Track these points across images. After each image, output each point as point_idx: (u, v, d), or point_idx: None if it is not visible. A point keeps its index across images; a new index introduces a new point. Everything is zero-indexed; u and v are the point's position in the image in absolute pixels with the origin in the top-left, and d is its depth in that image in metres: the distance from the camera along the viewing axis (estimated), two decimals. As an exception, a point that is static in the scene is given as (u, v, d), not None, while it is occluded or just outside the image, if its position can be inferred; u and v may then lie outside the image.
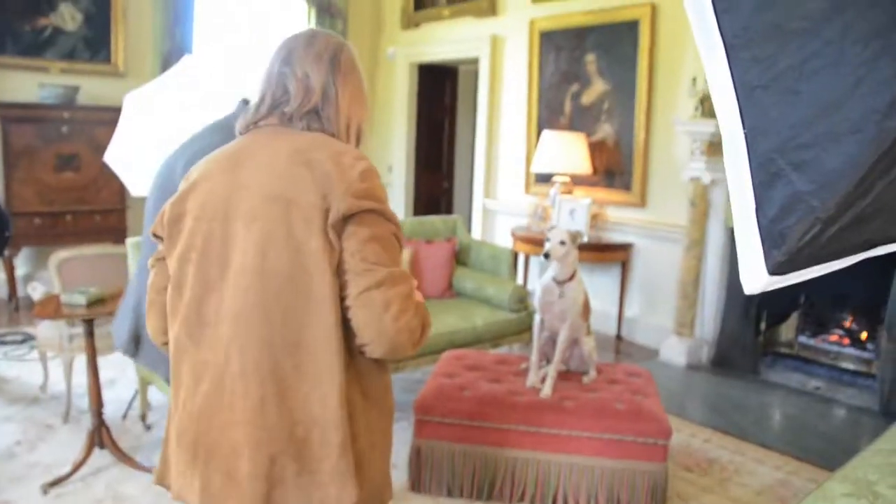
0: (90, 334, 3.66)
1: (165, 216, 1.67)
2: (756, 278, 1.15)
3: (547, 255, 3.40)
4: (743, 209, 1.14)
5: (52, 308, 3.57)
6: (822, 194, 1.06)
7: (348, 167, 1.55)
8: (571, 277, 3.48)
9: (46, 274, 4.93)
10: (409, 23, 8.33)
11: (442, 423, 3.42)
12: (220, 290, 1.58)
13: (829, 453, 4.13)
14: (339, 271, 1.53)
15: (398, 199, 8.73)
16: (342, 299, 1.53)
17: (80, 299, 3.56)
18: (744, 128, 1.12)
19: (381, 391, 1.70)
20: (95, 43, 6.81)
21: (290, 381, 1.54)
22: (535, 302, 3.61)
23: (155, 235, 1.72)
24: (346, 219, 1.52)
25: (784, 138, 1.09)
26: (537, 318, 3.61)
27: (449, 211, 9.23)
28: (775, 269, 1.12)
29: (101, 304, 3.62)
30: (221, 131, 2.15)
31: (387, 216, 1.57)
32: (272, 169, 1.57)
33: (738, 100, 1.11)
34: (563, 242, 3.42)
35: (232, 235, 1.57)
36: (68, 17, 6.63)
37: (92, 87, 6.68)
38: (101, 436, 3.68)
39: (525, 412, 3.37)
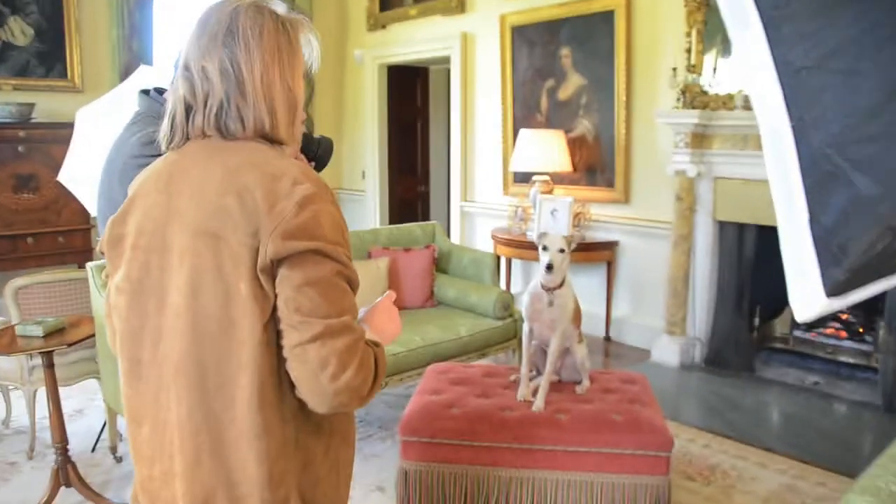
0: (49, 366, 3.42)
1: (106, 235, 1.51)
2: (811, 302, 0.91)
3: (550, 267, 3.19)
4: (791, 218, 0.90)
5: (6, 342, 3.34)
6: (893, 197, 0.84)
7: (283, 196, 1.33)
8: (561, 284, 3.28)
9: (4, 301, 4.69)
10: (376, 24, 8.13)
11: (430, 444, 3.22)
12: (158, 328, 1.41)
13: (834, 454, 3.98)
14: (275, 318, 1.34)
15: (372, 205, 8.52)
16: (282, 348, 1.35)
17: (37, 330, 3.34)
18: (790, 119, 0.88)
19: (347, 423, 1.56)
20: (49, 58, 6.56)
21: (228, 436, 1.37)
22: (523, 310, 3.41)
23: (102, 253, 1.57)
24: (277, 262, 1.32)
25: (841, 129, 0.85)
26: (526, 327, 3.42)
27: (426, 215, 9.04)
28: (834, 290, 0.89)
29: (60, 335, 3.40)
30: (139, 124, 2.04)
31: (328, 254, 1.34)
32: (202, 198, 1.37)
33: (781, 85, 0.87)
34: (562, 250, 3.23)
35: (168, 269, 1.40)
36: (18, 32, 6.37)
37: (48, 104, 6.42)
38: (66, 473, 3.45)
39: (517, 428, 3.17)
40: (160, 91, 2.29)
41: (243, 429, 1.35)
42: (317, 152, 2.04)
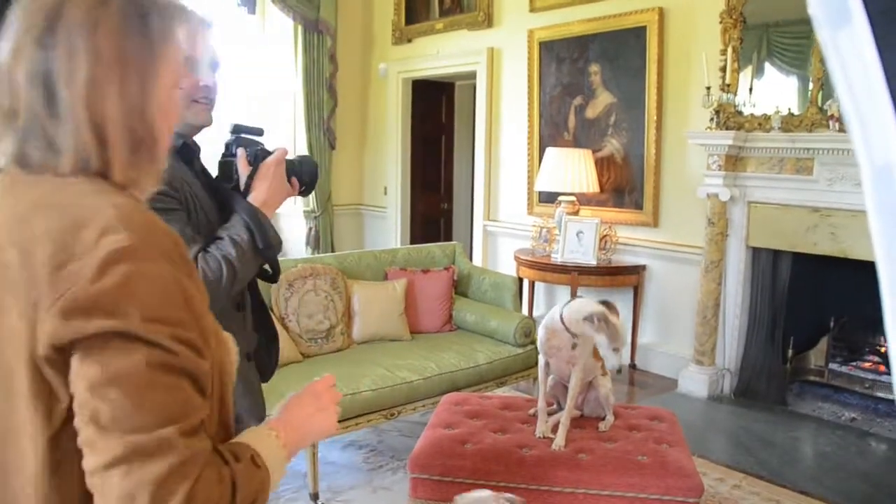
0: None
1: None
2: None
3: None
4: None
5: None
6: None
7: (82, 252, 0.91)
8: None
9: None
10: (402, 37, 7.98)
11: (441, 482, 3.03)
12: None
13: (873, 497, 3.74)
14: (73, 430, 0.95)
15: (393, 221, 8.36)
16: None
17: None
18: None
19: None
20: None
21: None
22: (539, 344, 3.20)
23: None
24: (65, 350, 0.91)
25: None
26: (541, 360, 3.21)
27: (448, 233, 8.87)
28: None
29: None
30: None
31: (140, 337, 0.91)
32: None
33: (893, 105, 0.62)
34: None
35: None
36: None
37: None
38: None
39: (534, 468, 2.98)
40: None
41: None
42: (301, 174, 1.81)
